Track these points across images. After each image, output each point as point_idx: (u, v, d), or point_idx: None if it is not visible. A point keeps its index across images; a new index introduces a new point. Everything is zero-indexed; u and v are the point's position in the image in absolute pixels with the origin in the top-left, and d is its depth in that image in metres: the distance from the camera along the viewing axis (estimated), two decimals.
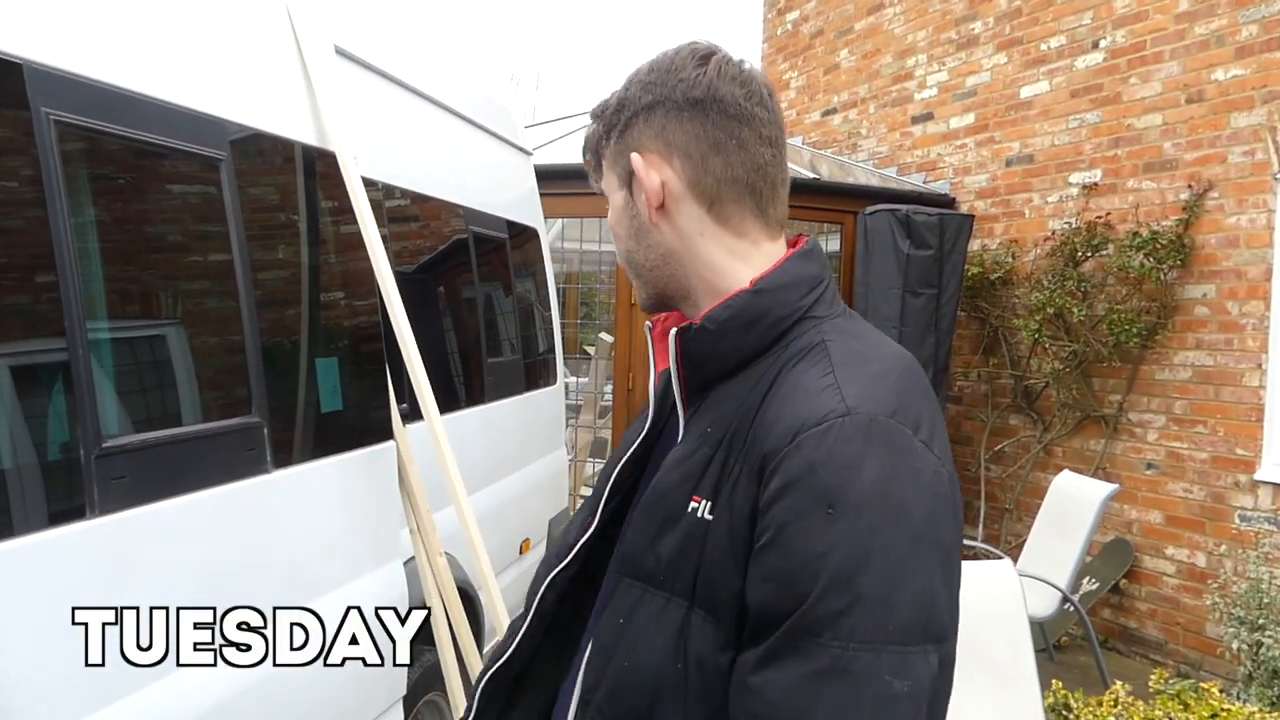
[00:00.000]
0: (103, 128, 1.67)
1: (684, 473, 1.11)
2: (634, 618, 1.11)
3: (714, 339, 1.13)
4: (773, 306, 1.13)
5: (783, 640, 0.98)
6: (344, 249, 2.48)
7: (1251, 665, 4.37)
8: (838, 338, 1.12)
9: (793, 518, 0.99)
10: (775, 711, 0.98)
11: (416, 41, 3.34)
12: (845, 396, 1.03)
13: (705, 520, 1.06)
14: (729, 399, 1.12)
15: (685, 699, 1.06)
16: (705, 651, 1.05)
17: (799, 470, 1.00)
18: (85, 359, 1.58)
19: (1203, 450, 5.22)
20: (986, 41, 6.72)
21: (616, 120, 1.18)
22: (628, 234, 1.21)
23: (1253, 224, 5.00)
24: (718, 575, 1.05)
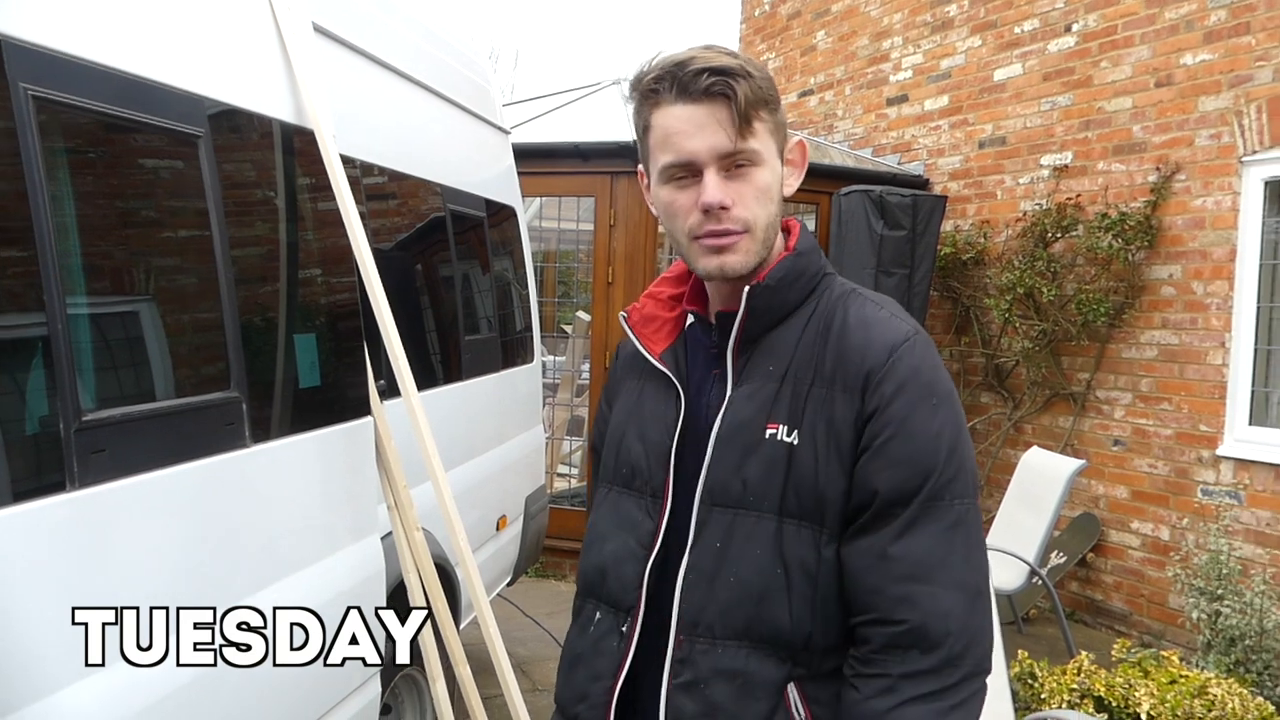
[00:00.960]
0: (81, 103, 1.69)
1: (757, 405, 1.32)
2: (730, 539, 1.30)
3: (773, 294, 1.34)
4: (809, 265, 1.38)
5: (918, 510, 1.25)
6: (322, 226, 2.50)
7: (1210, 634, 4.48)
8: (855, 287, 1.40)
9: (911, 410, 1.26)
10: (922, 566, 1.23)
11: (395, 19, 3.34)
12: (905, 322, 1.33)
13: (785, 442, 1.29)
14: (782, 342, 1.34)
15: (790, 598, 1.28)
16: (804, 552, 1.28)
17: (906, 374, 1.27)
18: (65, 333, 1.60)
19: (1167, 427, 5.33)
20: (961, 24, 6.77)
21: (774, 96, 1.31)
22: (775, 200, 1.34)
23: (1218, 206, 5.09)
24: (819, 483, 1.27)
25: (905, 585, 1.23)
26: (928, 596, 1.22)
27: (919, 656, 1.22)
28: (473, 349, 3.80)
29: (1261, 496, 4.83)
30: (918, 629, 1.22)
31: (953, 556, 1.24)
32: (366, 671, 2.66)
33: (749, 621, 1.28)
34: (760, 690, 1.28)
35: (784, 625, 1.27)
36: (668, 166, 1.30)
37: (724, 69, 1.25)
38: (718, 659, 1.29)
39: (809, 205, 7.09)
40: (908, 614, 1.22)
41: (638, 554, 1.36)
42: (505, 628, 5.24)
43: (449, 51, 3.89)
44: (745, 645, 1.29)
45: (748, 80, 1.26)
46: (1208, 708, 3.36)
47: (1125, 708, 3.42)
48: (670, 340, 1.44)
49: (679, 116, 1.28)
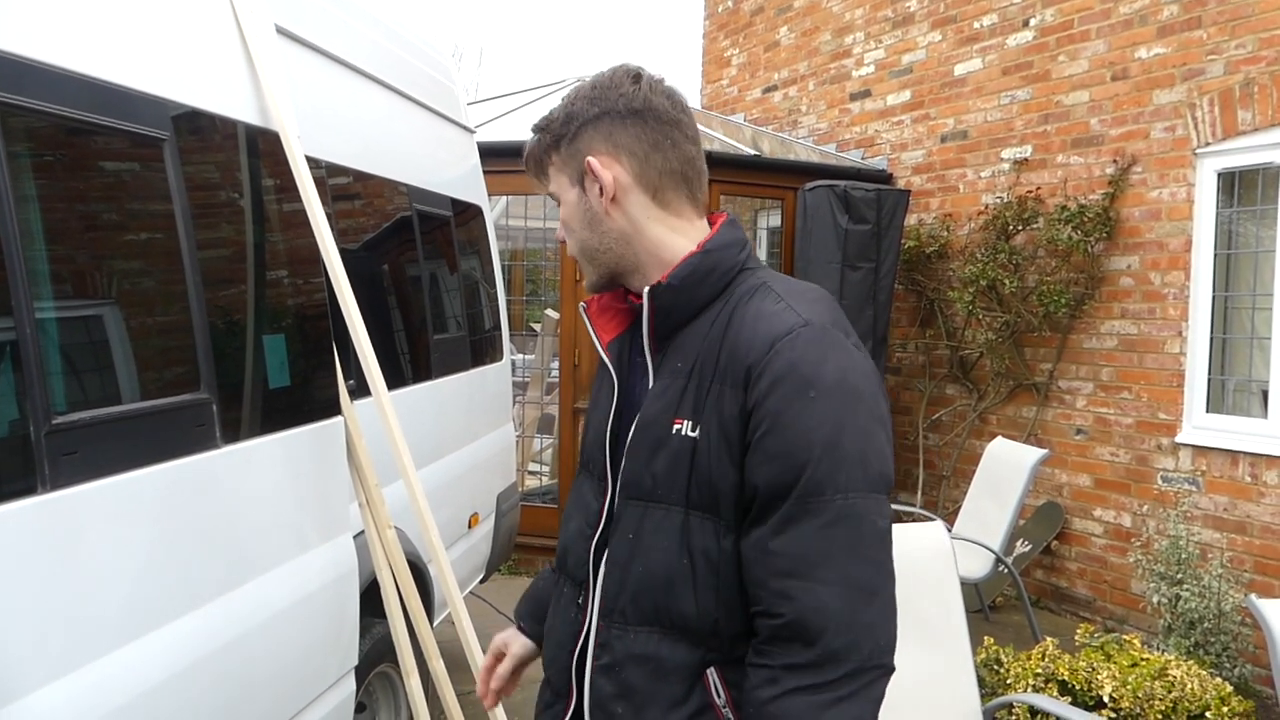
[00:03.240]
0: (46, 108, 1.69)
1: (664, 403, 1.38)
2: (641, 530, 1.37)
3: (676, 292, 1.39)
4: (719, 263, 1.41)
5: (794, 505, 1.26)
6: (289, 227, 2.50)
7: (1170, 617, 4.58)
8: (773, 280, 1.42)
9: (785, 405, 1.28)
10: (802, 561, 1.26)
11: (358, 19, 3.34)
12: (799, 313, 1.34)
13: (690, 437, 1.34)
14: (691, 339, 1.39)
15: (695, 586, 1.33)
16: (707, 543, 1.33)
17: (783, 369, 1.29)
18: (34, 337, 1.60)
19: (1128, 415, 5.43)
20: (922, 19, 6.85)
21: (566, 130, 1.43)
22: (581, 225, 1.45)
23: (1173, 197, 5.19)
24: (712, 476, 1.32)
25: (784, 580, 1.26)
26: (804, 591, 1.25)
27: (800, 649, 1.25)
28: (442, 348, 3.81)
29: (1219, 482, 4.94)
30: (795, 623, 1.25)
31: (834, 552, 1.25)
32: (341, 669, 2.67)
33: (658, 608, 1.35)
34: (673, 674, 1.35)
35: (690, 612, 1.34)
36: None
37: (532, 129, 1.47)
38: (630, 643, 1.37)
39: (774, 200, 7.15)
40: (785, 608, 1.25)
41: (587, 534, 1.46)
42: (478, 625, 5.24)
43: (412, 51, 3.89)
44: (656, 631, 1.36)
45: (537, 137, 1.46)
46: (1168, 689, 3.44)
47: (1088, 690, 3.50)
48: (620, 330, 1.51)
49: None
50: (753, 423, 1.29)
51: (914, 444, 6.81)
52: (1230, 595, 4.47)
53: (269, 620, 2.28)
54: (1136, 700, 3.40)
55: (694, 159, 1.45)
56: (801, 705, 1.24)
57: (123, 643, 1.80)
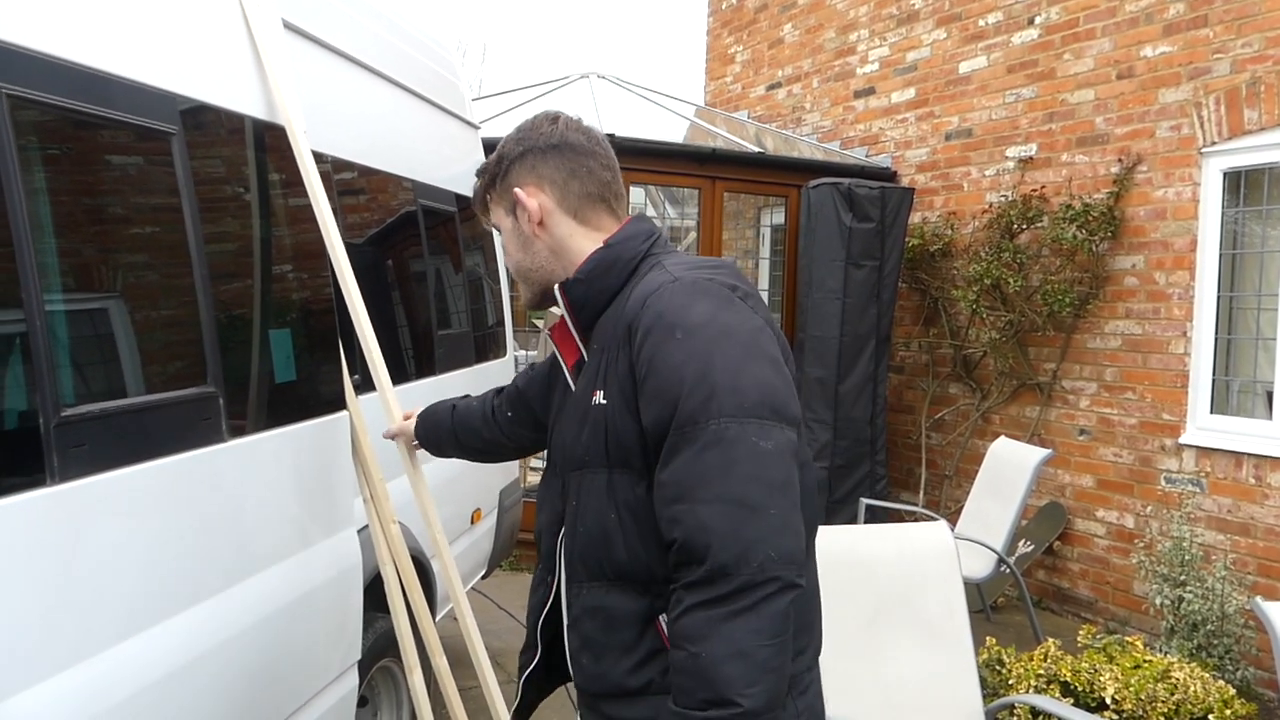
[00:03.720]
0: (57, 101, 1.69)
1: (588, 379, 1.55)
2: (581, 495, 1.53)
3: (585, 285, 1.58)
4: (621, 253, 1.59)
5: (674, 437, 1.38)
6: (295, 222, 2.50)
7: (1173, 619, 4.58)
8: (668, 258, 1.58)
9: (655, 348, 1.42)
10: (683, 486, 1.37)
11: (364, 15, 3.34)
12: (672, 273, 1.49)
13: (602, 404, 1.50)
14: (605, 324, 1.55)
15: (623, 536, 1.48)
16: (627, 494, 1.47)
17: (651, 319, 1.44)
18: (43, 330, 1.60)
19: (1131, 416, 5.43)
20: (926, 17, 6.84)
21: (499, 170, 1.65)
22: (517, 248, 1.66)
23: (1179, 197, 5.19)
24: (620, 433, 1.46)
25: (672, 507, 1.37)
26: (687, 513, 1.35)
27: (692, 569, 1.34)
28: (446, 344, 3.81)
29: (1223, 484, 4.93)
30: (685, 544, 1.35)
31: (709, 473, 1.35)
32: (344, 663, 2.68)
33: (600, 562, 1.50)
34: (621, 622, 1.49)
35: (623, 560, 1.48)
36: None
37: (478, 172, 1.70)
38: (585, 598, 1.53)
39: (778, 198, 7.14)
40: (676, 532, 1.36)
41: (553, 529, 1.63)
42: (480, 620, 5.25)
43: (418, 47, 3.89)
44: (603, 584, 1.51)
45: (480, 178, 1.69)
46: (1170, 691, 3.44)
47: (1090, 692, 3.50)
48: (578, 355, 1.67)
49: None
50: (636, 374, 1.44)
51: (917, 443, 6.81)
52: (1233, 597, 4.46)
53: (273, 614, 2.28)
54: (1139, 702, 3.40)
55: (609, 182, 1.64)
56: (700, 620, 1.32)
57: (129, 635, 1.80)
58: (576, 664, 1.57)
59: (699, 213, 6.99)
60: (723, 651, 1.29)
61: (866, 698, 2.85)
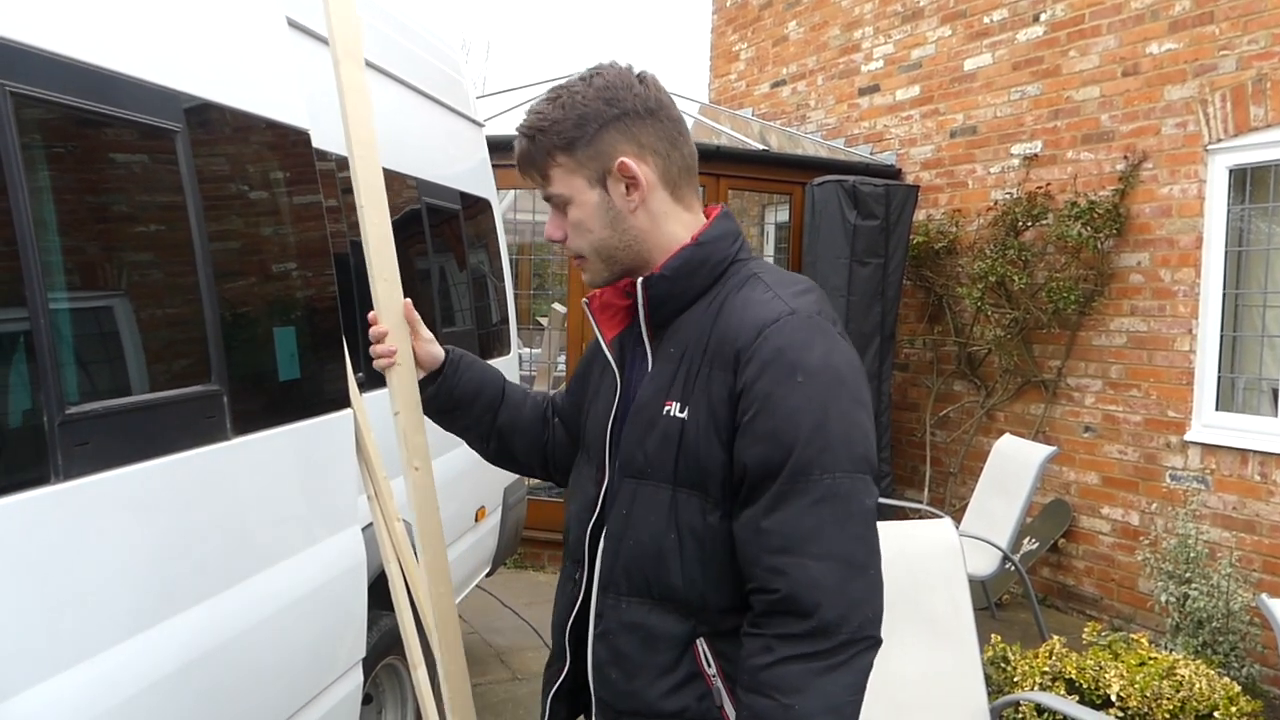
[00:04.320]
0: (61, 99, 1.69)
1: (656, 387, 1.46)
2: (634, 506, 1.45)
3: (670, 283, 1.46)
4: (711, 254, 1.48)
5: (784, 484, 1.33)
6: (300, 220, 2.50)
7: (1179, 616, 4.57)
8: (763, 270, 1.49)
9: (773, 387, 1.34)
10: (792, 538, 1.32)
11: (368, 12, 3.34)
12: (785, 302, 1.41)
13: (678, 418, 1.41)
14: (685, 326, 1.46)
15: (682, 560, 1.41)
16: (693, 519, 1.41)
17: (770, 353, 1.36)
18: (47, 327, 1.60)
19: (1136, 413, 5.42)
20: (931, 14, 6.82)
21: (580, 133, 1.44)
22: (602, 225, 1.48)
23: (1184, 194, 5.17)
24: (700, 456, 1.39)
25: (776, 557, 1.32)
26: (796, 567, 1.31)
27: (794, 621, 1.31)
28: (449, 341, 3.79)
29: (1228, 481, 4.92)
30: (789, 597, 1.31)
31: (823, 529, 1.32)
32: (349, 661, 2.68)
33: (648, 580, 1.43)
34: (663, 643, 1.44)
35: (678, 584, 1.41)
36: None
37: (522, 131, 1.47)
38: (624, 613, 1.46)
39: (782, 196, 7.14)
40: (780, 584, 1.32)
41: (583, 517, 1.55)
42: (485, 618, 5.27)
43: (422, 45, 3.89)
44: (647, 602, 1.44)
45: (531, 139, 1.46)
46: (1176, 688, 3.43)
47: (1096, 689, 3.49)
48: (621, 327, 1.56)
49: None
50: (742, 405, 1.36)
51: (921, 440, 6.81)
52: (1239, 594, 4.45)
53: (278, 612, 2.28)
54: (1144, 699, 3.39)
55: (694, 154, 1.53)
56: (797, 672, 1.30)
57: (133, 633, 1.81)
58: (602, 676, 1.50)
59: None
60: (818, 705, 1.30)
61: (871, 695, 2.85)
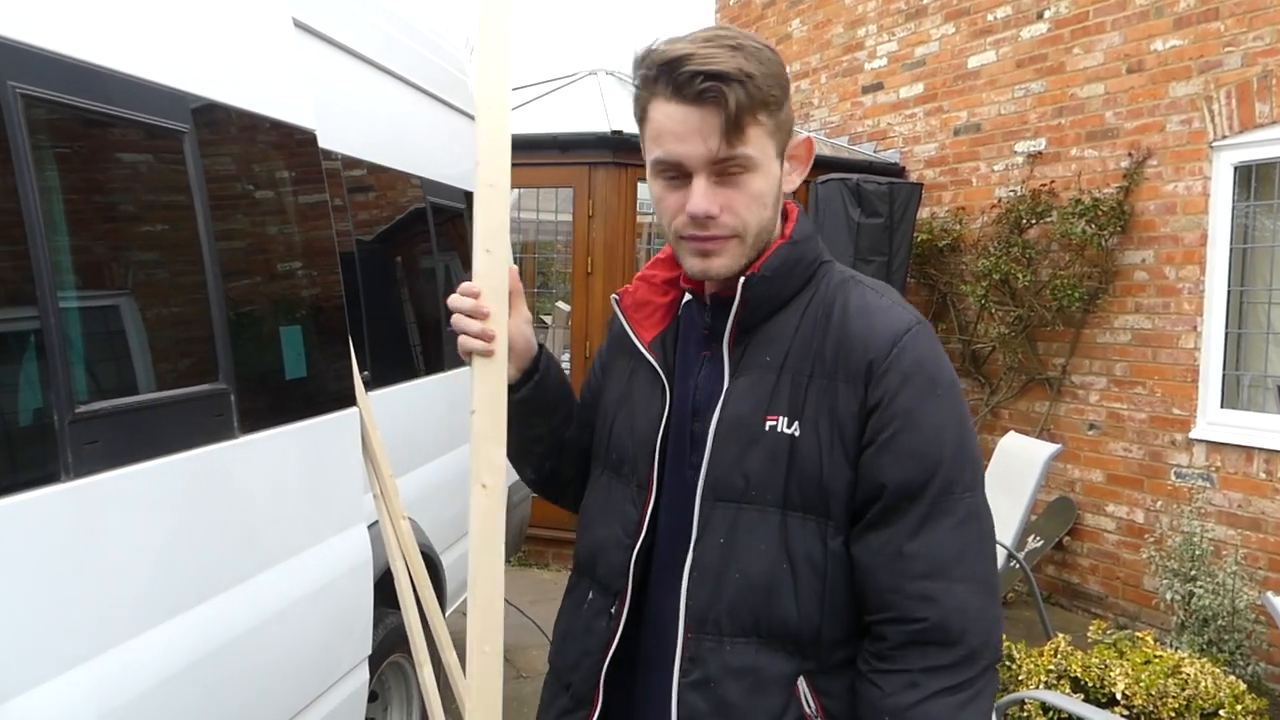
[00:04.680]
0: (71, 101, 1.70)
1: (756, 398, 1.30)
2: (735, 535, 1.29)
3: (768, 284, 1.32)
4: (805, 254, 1.36)
5: (929, 505, 1.24)
6: (306, 219, 2.51)
7: (1184, 614, 4.57)
8: (854, 274, 1.38)
9: (916, 402, 1.25)
10: (939, 563, 1.23)
11: (372, 12, 3.35)
12: (906, 311, 1.32)
13: (786, 434, 1.28)
14: (778, 332, 1.32)
15: (797, 592, 1.27)
16: (811, 546, 1.27)
17: (910, 366, 1.26)
18: (58, 327, 1.61)
19: (1141, 410, 5.41)
20: (935, 12, 6.82)
21: (782, 94, 1.27)
22: (771, 202, 1.31)
23: (1189, 191, 5.17)
24: (823, 476, 1.26)
25: (923, 583, 1.22)
26: (945, 593, 1.22)
27: (939, 652, 1.22)
28: (455, 340, 3.81)
29: (1233, 479, 4.92)
30: (937, 625, 1.22)
31: (967, 551, 1.24)
32: (355, 659, 2.69)
33: (757, 617, 1.27)
34: (772, 686, 1.28)
35: (792, 619, 1.27)
36: (658, 162, 1.28)
37: (719, 73, 1.20)
38: (727, 656, 1.28)
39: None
40: (928, 611, 1.22)
41: (624, 542, 1.37)
42: None
43: (427, 44, 3.90)
44: (754, 642, 1.28)
45: (744, 85, 1.21)
46: (1181, 686, 3.43)
47: (1101, 688, 3.49)
48: (661, 326, 1.43)
49: (671, 115, 1.24)
50: (877, 420, 1.25)
51: None
52: (1244, 592, 4.45)
53: (284, 610, 2.29)
54: (1149, 698, 3.39)
55: None
56: (944, 707, 1.21)
57: (142, 631, 1.82)
58: None
59: None
60: None
61: None
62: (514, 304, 1.43)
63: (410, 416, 3.30)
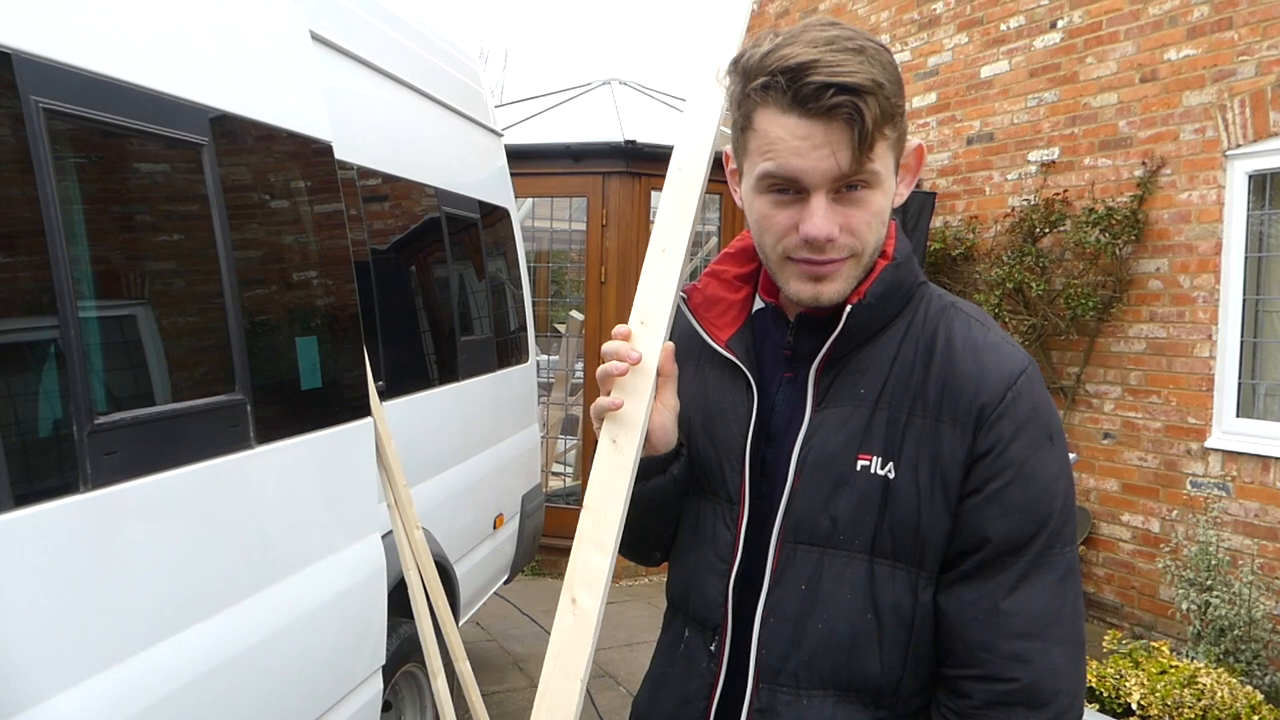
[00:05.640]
0: (91, 115, 1.72)
1: (848, 434, 1.19)
2: (819, 581, 1.19)
3: (870, 311, 1.20)
4: (906, 277, 1.24)
5: (1031, 561, 1.15)
6: (322, 229, 2.53)
7: (1200, 624, 4.54)
8: (953, 299, 1.26)
9: (1030, 453, 1.16)
10: (1037, 622, 1.15)
11: (388, 24, 3.37)
12: (1017, 349, 1.22)
13: (879, 476, 1.17)
14: (874, 362, 1.21)
15: (881, 644, 1.18)
16: (899, 596, 1.18)
17: (1026, 413, 1.16)
18: (78, 338, 1.63)
19: (1156, 420, 5.39)
20: (948, 22, 6.82)
21: (900, 106, 1.14)
22: (884, 221, 1.19)
23: (1203, 200, 5.15)
24: (920, 523, 1.16)
25: (1018, 642, 1.15)
26: (1040, 654, 1.15)
27: (1025, 714, 1.14)
28: (468, 349, 3.83)
29: (1249, 488, 4.89)
30: (1029, 687, 1.14)
31: (1064, 609, 1.17)
32: (369, 668, 2.70)
33: (837, 670, 1.19)
34: None
35: (874, 673, 1.19)
36: (767, 176, 1.15)
37: (853, 86, 1.07)
38: (803, 710, 1.20)
39: None
40: (1020, 672, 1.14)
41: (718, 568, 1.26)
42: (503, 625, 5.28)
43: (441, 55, 3.92)
44: (832, 695, 1.20)
45: (877, 97, 1.09)
46: (1197, 697, 3.42)
47: (1116, 698, 3.47)
48: (735, 326, 1.31)
49: (791, 129, 1.11)
50: (986, 469, 1.15)
51: None
52: (1261, 602, 4.42)
53: (299, 619, 2.31)
54: (1165, 708, 3.38)
55: None
56: None
57: (159, 640, 1.83)
58: None
59: (719, 218, 7.00)
60: None
61: None
62: (661, 389, 1.26)
63: (425, 426, 3.32)
